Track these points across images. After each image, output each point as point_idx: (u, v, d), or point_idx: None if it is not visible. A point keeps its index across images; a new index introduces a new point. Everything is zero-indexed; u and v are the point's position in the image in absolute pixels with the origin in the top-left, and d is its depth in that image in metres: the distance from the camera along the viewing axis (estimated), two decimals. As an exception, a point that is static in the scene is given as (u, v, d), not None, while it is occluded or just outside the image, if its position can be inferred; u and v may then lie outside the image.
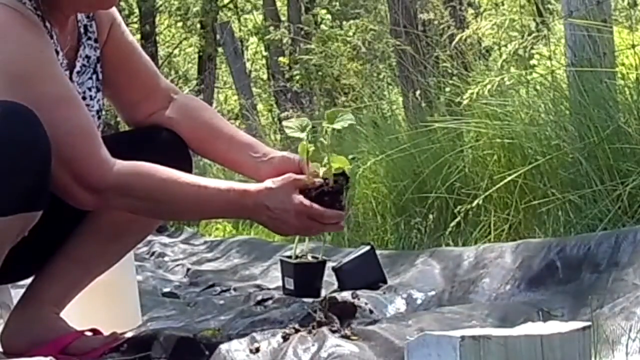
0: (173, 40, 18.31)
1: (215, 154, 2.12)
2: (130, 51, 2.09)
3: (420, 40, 4.57)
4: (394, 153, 3.85)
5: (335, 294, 2.22)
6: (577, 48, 3.03)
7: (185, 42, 17.82)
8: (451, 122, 3.53)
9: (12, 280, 2.12)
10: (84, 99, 1.96)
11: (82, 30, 2.00)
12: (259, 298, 2.54)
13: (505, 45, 3.94)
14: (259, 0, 14.98)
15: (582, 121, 2.79)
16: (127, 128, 2.26)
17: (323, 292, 2.42)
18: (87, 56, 2.00)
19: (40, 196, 1.73)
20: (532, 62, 3.81)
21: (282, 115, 7.07)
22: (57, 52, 1.88)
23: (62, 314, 2.03)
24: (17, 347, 1.95)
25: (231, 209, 1.95)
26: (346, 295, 2.20)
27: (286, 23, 9.01)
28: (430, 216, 3.45)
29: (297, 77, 7.05)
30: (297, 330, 1.78)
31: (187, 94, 2.21)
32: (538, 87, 3.36)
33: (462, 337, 1.16)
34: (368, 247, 2.58)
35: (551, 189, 2.81)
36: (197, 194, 1.85)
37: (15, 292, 2.15)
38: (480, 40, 4.40)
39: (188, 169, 2.04)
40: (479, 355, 1.16)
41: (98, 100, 2.01)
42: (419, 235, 3.49)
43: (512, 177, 2.92)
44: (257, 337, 1.76)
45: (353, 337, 1.71)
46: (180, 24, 16.92)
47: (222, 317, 2.29)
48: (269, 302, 2.46)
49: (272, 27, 7.88)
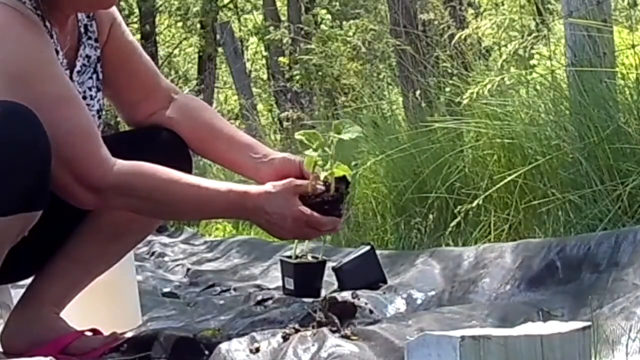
0: (173, 40, 18.31)
1: (215, 154, 2.12)
2: (130, 51, 2.09)
3: (420, 40, 4.57)
4: (394, 153, 3.85)
5: (335, 294, 2.22)
6: (577, 48, 3.03)
7: (185, 42, 17.82)
8: (451, 122, 3.53)
9: (12, 280, 2.12)
10: (84, 98, 1.96)
11: (82, 30, 2.00)
12: (259, 298, 2.54)
13: (505, 45, 3.94)
14: (259, 0, 14.98)
15: (582, 121, 2.79)
16: (127, 128, 2.26)
17: (323, 292, 2.42)
18: (87, 56, 2.00)
19: (40, 196, 1.73)
20: (532, 62, 3.81)
21: (282, 115, 7.07)
22: (57, 51, 1.88)
23: (62, 314, 2.03)
24: (17, 347, 1.95)
25: (230, 210, 1.96)
26: (346, 295, 2.20)
27: (286, 23, 9.01)
28: (430, 216, 3.45)
29: (297, 77, 7.05)
30: (297, 330, 1.77)
31: (187, 94, 2.21)
32: (538, 87, 3.35)
33: (462, 337, 1.16)
34: (368, 247, 2.58)
35: (551, 189, 2.81)
36: (197, 195, 1.85)
37: (15, 292, 2.15)
38: (480, 40, 4.40)
39: (188, 169, 2.04)
40: (479, 355, 1.16)
41: (98, 100, 2.01)
42: (419, 235, 3.49)
43: (512, 177, 2.92)
44: (257, 337, 1.76)
45: (353, 337, 1.71)
46: (180, 24, 16.93)
47: (222, 317, 2.29)
48: (269, 302, 2.46)
49: (272, 27, 7.88)
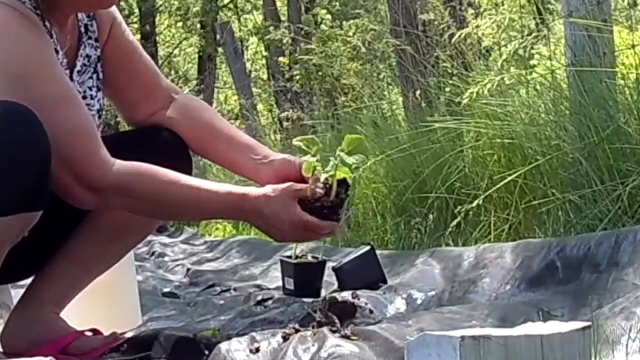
0: (173, 40, 18.32)
1: (215, 154, 2.12)
2: (130, 50, 2.09)
3: (420, 40, 4.57)
4: (394, 153, 3.85)
5: (335, 294, 2.22)
6: (577, 48, 3.03)
7: (185, 42, 17.83)
8: (451, 122, 3.53)
9: (12, 280, 2.12)
10: (85, 98, 1.96)
11: (82, 30, 2.00)
12: (259, 298, 2.54)
13: (505, 45, 3.94)
14: (259, 0, 14.98)
15: (582, 121, 2.79)
16: (127, 128, 2.26)
17: (323, 292, 2.42)
18: (87, 55, 2.00)
19: (40, 196, 1.73)
20: (532, 62, 3.81)
21: (282, 115, 7.07)
22: (57, 51, 1.88)
23: (62, 314, 2.03)
24: (17, 347, 1.95)
25: (229, 212, 1.96)
26: (346, 295, 2.20)
27: (286, 23, 9.00)
28: (430, 216, 3.45)
29: (297, 77, 7.05)
30: (297, 330, 1.77)
31: (187, 94, 2.21)
32: (538, 87, 3.36)
33: (462, 337, 1.16)
34: (368, 247, 2.58)
35: (551, 189, 2.81)
36: (196, 196, 1.85)
37: (15, 292, 2.15)
38: (480, 40, 4.40)
39: (188, 169, 2.04)
40: (479, 355, 1.16)
41: (98, 100, 2.01)
42: (419, 235, 3.49)
43: (512, 177, 2.92)
44: (257, 337, 1.76)
45: (353, 337, 1.71)
46: (180, 24, 16.93)
47: (222, 317, 2.29)
48: (269, 302, 2.46)
49: (272, 27, 7.88)
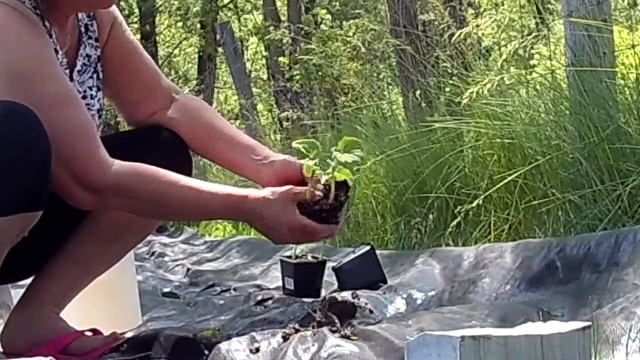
0: (173, 40, 18.32)
1: (215, 154, 2.12)
2: (131, 50, 2.09)
3: (420, 40, 4.57)
4: (394, 153, 3.85)
5: (335, 294, 2.22)
6: (577, 48, 3.03)
7: (185, 42, 17.83)
8: (451, 122, 3.53)
9: (12, 280, 2.12)
10: (85, 98, 1.96)
11: (82, 30, 2.00)
12: (259, 298, 2.54)
13: (505, 45, 3.94)
14: (259, 0, 14.98)
15: (582, 121, 2.79)
16: (127, 127, 2.26)
17: (323, 292, 2.42)
18: (87, 55, 2.00)
19: (40, 196, 1.73)
20: (532, 62, 3.81)
21: (282, 115, 7.07)
22: (57, 51, 1.88)
23: (62, 314, 2.03)
24: (17, 347, 1.95)
25: (228, 213, 1.97)
26: (346, 295, 2.20)
27: (286, 23, 9.01)
28: (430, 216, 3.45)
29: (297, 77, 7.05)
30: (297, 330, 1.77)
31: (188, 94, 2.21)
32: (538, 87, 3.36)
33: (462, 337, 1.16)
34: (368, 247, 2.58)
35: (551, 189, 2.81)
36: (195, 198, 1.84)
37: (15, 292, 2.15)
38: (480, 40, 4.40)
39: (188, 169, 2.04)
40: (479, 355, 1.16)
41: (99, 100, 2.01)
42: (419, 235, 3.49)
43: (512, 177, 2.92)
44: (257, 337, 1.76)
45: (353, 337, 1.71)
46: (180, 24, 16.94)
47: (222, 317, 2.29)
48: (269, 302, 2.46)
49: (272, 27, 7.88)
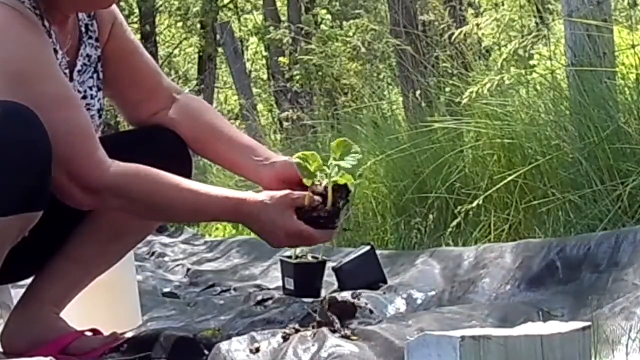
0: (173, 40, 18.33)
1: (215, 155, 2.11)
2: (132, 50, 2.09)
3: (420, 40, 4.57)
4: (394, 153, 3.85)
5: (335, 294, 2.22)
6: (577, 48, 3.03)
7: (185, 42, 17.84)
8: (451, 122, 3.53)
9: (12, 280, 2.12)
10: (85, 98, 1.96)
11: (83, 30, 2.00)
12: (259, 298, 2.54)
13: (505, 45, 3.94)
14: (259, 0, 14.98)
15: (582, 121, 2.79)
16: (127, 127, 2.26)
17: (323, 292, 2.42)
18: (88, 55, 1.99)
19: (40, 196, 1.73)
20: (532, 62, 3.81)
21: (282, 115, 7.07)
22: (56, 51, 1.88)
23: (62, 314, 2.03)
24: (17, 347, 1.95)
25: (226, 216, 1.97)
26: (346, 295, 2.20)
27: (286, 23, 9.01)
28: (430, 216, 3.45)
29: (297, 77, 7.05)
30: (297, 330, 1.78)
31: (189, 95, 2.20)
32: (538, 87, 3.36)
33: (462, 337, 1.16)
34: (368, 247, 2.59)
35: (551, 189, 2.81)
36: (193, 200, 1.84)
37: (15, 292, 2.15)
38: (480, 40, 4.40)
39: (188, 169, 2.04)
40: (479, 355, 1.16)
41: (99, 100, 2.01)
42: (419, 235, 3.49)
43: (512, 177, 2.92)
44: (257, 337, 1.76)
45: (353, 337, 1.71)
46: (180, 24, 16.95)
47: (222, 317, 2.29)
48: (269, 302, 2.46)
49: (272, 27, 7.88)
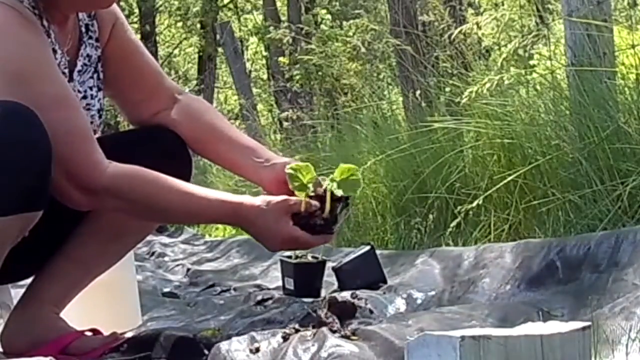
0: (173, 40, 18.33)
1: (216, 155, 2.11)
2: (133, 50, 2.08)
3: (420, 40, 4.57)
4: (394, 153, 3.85)
5: (335, 294, 2.22)
6: (577, 48, 3.03)
7: (185, 42, 17.84)
8: (451, 122, 3.53)
9: (12, 280, 2.12)
10: (85, 98, 1.96)
11: (83, 30, 2.00)
12: (259, 298, 2.54)
13: (505, 45, 3.94)
14: (259, 0, 14.98)
15: (582, 121, 2.79)
16: (127, 128, 2.26)
17: (323, 292, 2.42)
18: (88, 55, 1.99)
19: (40, 196, 1.73)
20: (532, 62, 3.81)
21: (282, 116, 7.07)
22: (55, 50, 1.88)
23: (62, 314, 2.03)
24: (17, 347, 1.95)
25: (222, 219, 1.97)
26: (346, 295, 2.20)
27: (286, 23, 9.01)
28: (430, 216, 3.45)
29: (297, 77, 7.05)
30: (297, 330, 1.78)
31: (191, 95, 2.20)
32: (538, 87, 3.36)
33: (462, 337, 1.16)
34: (368, 247, 2.59)
35: (551, 189, 2.81)
36: (190, 203, 1.83)
37: (15, 292, 2.15)
38: (480, 40, 4.40)
39: (188, 169, 2.04)
40: (479, 355, 1.16)
41: (99, 100, 2.01)
42: (419, 235, 3.49)
43: (512, 177, 2.92)
44: (257, 337, 1.76)
45: (353, 337, 1.71)
46: (180, 24, 16.94)
47: (222, 317, 2.29)
48: (269, 302, 2.46)
49: (272, 27, 7.88)
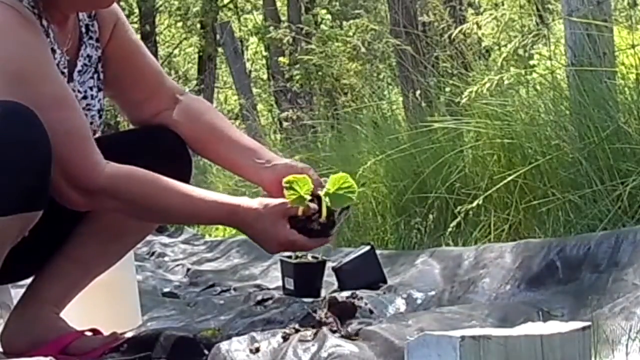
0: (173, 40, 18.33)
1: (216, 155, 2.11)
2: (134, 50, 2.08)
3: (420, 40, 4.57)
4: (394, 153, 3.85)
5: (335, 294, 2.22)
6: (577, 48, 3.03)
7: (185, 42, 17.84)
8: (451, 122, 3.53)
9: (12, 280, 2.12)
10: (85, 98, 1.96)
11: (83, 30, 1.99)
12: (259, 298, 2.54)
13: (505, 45, 3.94)
14: (259, 0, 14.98)
15: (582, 121, 2.79)
16: (127, 128, 2.26)
17: (323, 292, 2.42)
18: (88, 55, 1.99)
19: (40, 196, 1.73)
20: (532, 62, 3.81)
21: (282, 116, 7.07)
22: (54, 50, 1.88)
23: (62, 314, 2.03)
24: (17, 347, 1.95)
25: (219, 221, 1.98)
26: (346, 295, 2.20)
27: (286, 23, 9.01)
28: (430, 216, 3.45)
29: (297, 77, 7.05)
30: (297, 330, 1.78)
31: (192, 95, 2.20)
32: (538, 87, 3.36)
33: (462, 337, 1.16)
34: (368, 247, 2.59)
35: (551, 189, 2.81)
36: (187, 205, 1.83)
37: (15, 292, 2.15)
38: (480, 40, 4.40)
39: (188, 169, 2.04)
40: (479, 355, 1.16)
41: (99, 100, 2.01)
42: (419, 235, 3.49)
43: (512, 177, 2.92)
44: (257, 337, 1.76)
45: (353, 337, 1.71)
46: (180, 24, 16.94)
47: (222, 317, 2.29)
48: (269, 302, 2.46)
49: (272, 27, 7.88)
